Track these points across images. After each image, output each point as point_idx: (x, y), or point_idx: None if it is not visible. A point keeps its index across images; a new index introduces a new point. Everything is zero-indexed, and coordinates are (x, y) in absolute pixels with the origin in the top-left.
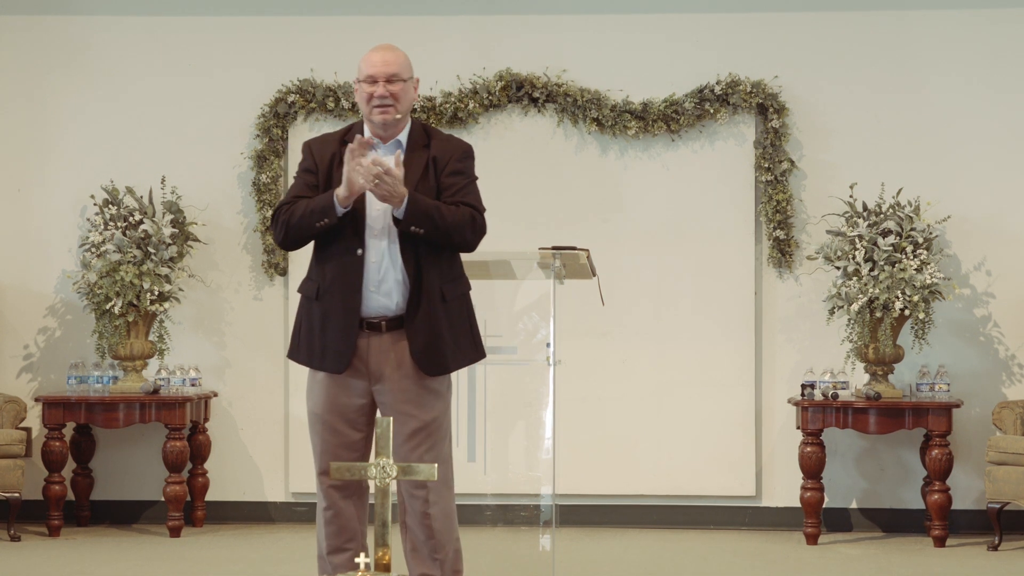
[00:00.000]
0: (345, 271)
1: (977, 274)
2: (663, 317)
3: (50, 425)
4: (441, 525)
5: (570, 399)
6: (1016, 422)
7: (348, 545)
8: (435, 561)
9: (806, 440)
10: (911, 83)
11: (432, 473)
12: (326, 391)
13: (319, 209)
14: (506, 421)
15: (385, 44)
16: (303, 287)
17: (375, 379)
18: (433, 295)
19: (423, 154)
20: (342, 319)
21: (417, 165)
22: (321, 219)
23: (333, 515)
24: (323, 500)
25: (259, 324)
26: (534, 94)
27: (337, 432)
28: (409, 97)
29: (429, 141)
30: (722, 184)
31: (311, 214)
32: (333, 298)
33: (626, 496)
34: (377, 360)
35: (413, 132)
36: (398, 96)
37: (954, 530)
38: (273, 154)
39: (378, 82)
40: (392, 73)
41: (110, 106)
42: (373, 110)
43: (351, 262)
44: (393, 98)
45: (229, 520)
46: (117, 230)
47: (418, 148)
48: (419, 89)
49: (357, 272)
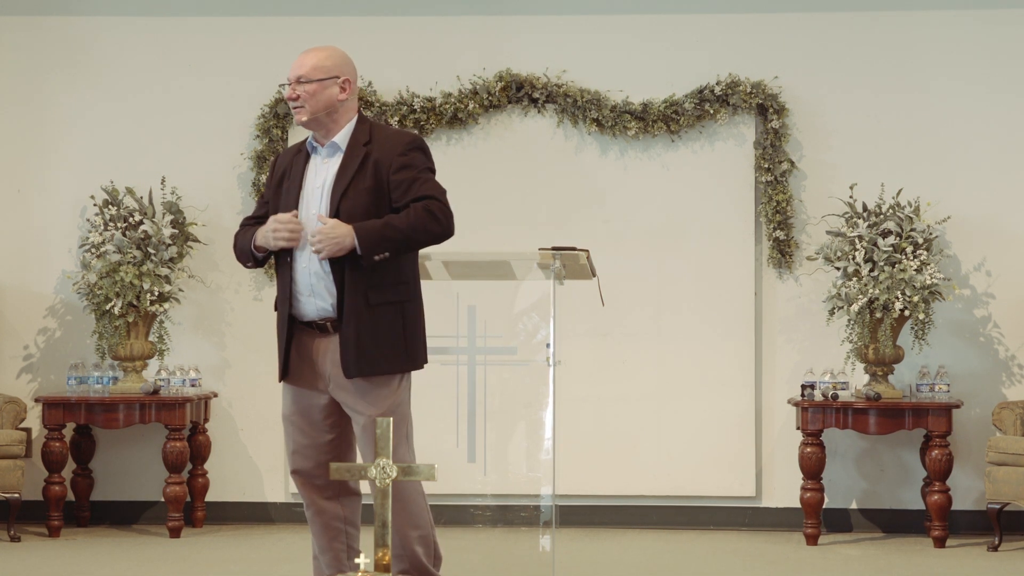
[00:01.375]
0: (283, 279)
1: (977, 275)
2: (663, 318)
3: (50, 426)
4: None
5: (570, 399)
6: (1016, 423)
7: (334, 544)
8: (398, 558)
9: (806, 440)
10: (911, 83)
11: (432, 474)
12: (291, 394)
13: (244, 252)
14: (506, 421)
15: (315, 46)
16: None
17: (327, 380)
18: (356, 300)
19: (363, 151)
20: (283, 326)
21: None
22: (248, 261)
23: (314, 514)
24: (303, 499)
25: (259, 325)
26: (534, 94)
27: (305, 433)
28: (325, 99)
29: (371, 139)
30: (722, 185)
31: (240, 253)
32: (281, 306)
33: (626, 496)
34: (323, 361)
35: (355, 132)
36: (304, 98)
37: (954, 531)
38: (273, 155)
39: (290, 84)
40: (299, 75)
41: (110, 106)
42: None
43: (286, 270)
44: (299, 100)
45: (229, 520)
46: (117, 231)
47: (358, 147)
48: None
49: (290, 279)
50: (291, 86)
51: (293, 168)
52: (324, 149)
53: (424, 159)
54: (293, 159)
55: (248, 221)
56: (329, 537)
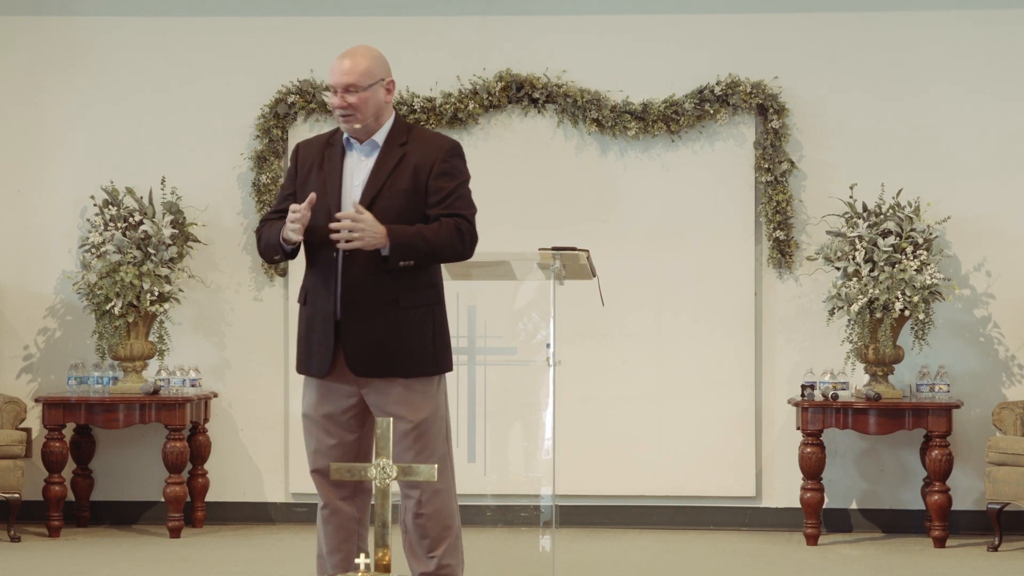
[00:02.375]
0: (324, 275)
1: (977, 275)
2: (663, 318)
3: (50, 426)
4: (435, 525)
5: (570, 400)
6: (1016, 423)
7: (344, 545)
8: (430, 559)
9: (806, 441)
10: (911, 84)
11: (432, 474)
12: (316, 393)
13: (271, 245)
14: (506, 422)
15: (354, 49)
16: (299, 294)
17: (362, 381)
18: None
19: (399, 152)
20: (321, 323)
21: (389, 165)
22: (276, 254)
23: (330, 514)
24: (321, 499)
25: (259, 325)
26: (534, 95)
27: (329, 433)
28: (374, 102)
29: (409, 139)
30: (722, 185)
31: (267, 248)
32: (316, 302)
33: (626, 496)
34: None
35: (393, 130)
36: (357, 106)
37: (954, 531)
38: (273, 155)
39: (338, 93)
40: (349, 83)
41: (110, 107)
42: (340, 118)
43: (328, 264)
44: (352, 108)
45: (229, 521)
46: (117, 231)
47: (395, 147)
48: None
49: (334, 276)
50: (339, 95)
51: (326, 162)
52: (363, 146)
53: (463, 168)
54: (324, 152)
55: (271, 216)
56: (341, 538)
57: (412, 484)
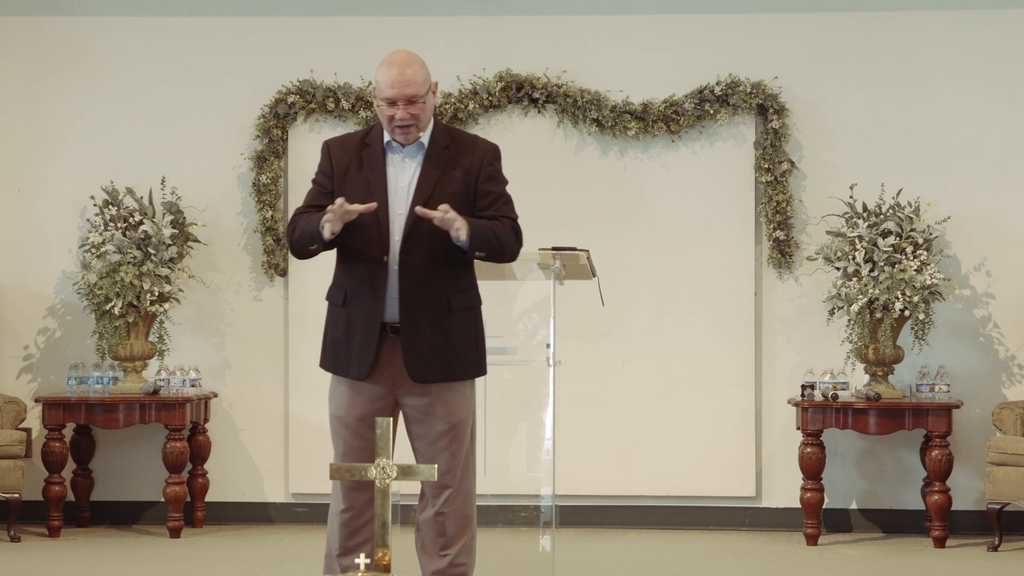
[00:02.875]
0: (371, 278)
1: (977, 275)
2: (663, 318)
3: (50, 426)
4: (454, 523)
5: (570, 400)
6: (1016, 423)
7: (362, 548)
8: (443, 557)
9: (806, 441)
10: (911, 84)
11: (432, 474)
12: (350, 396)
13: (308, 234)
14: (506, 422)
15: (400, 55)
16: (330, 294)
17: (399, 384)
18: (438, 303)
19: (446, 155)
20: (366, 325)
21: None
22: (312, 243)
23: (351, 517)
24: (343, 502)
25: (259, 325)
26: (534, 95)
27: (360, 435)
28: (430, 109)
29: (452, 143)
30: (722, 185)
31: (303, 237)
32: (359, 305)
33: (626, 496)
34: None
35: (435, 132)
36: (419, 117)
37: (954, 531)
38: (273, 155)
39: (397, 104)
40: (412, 95)
41: (110, 107)
42: (395, 130)
43: (376, 269)
44: (414, 118)
45: (229, 521)
46: (117, 231)
47: (440, 149)
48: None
49: (382, 279)
50: (402, 108)
51: (367, 163)
52: (408, 149)
53: (503, 173)
54: (361, 152)
55: (305, 210)
56: (360, 540)
57: (441, 483)
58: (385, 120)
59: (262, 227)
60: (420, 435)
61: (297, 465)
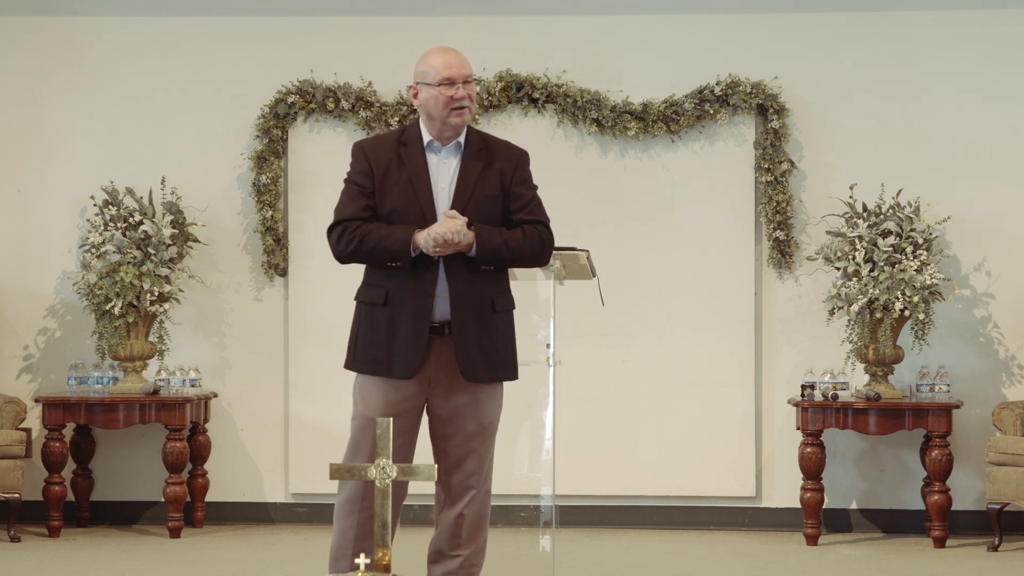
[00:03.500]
0: (418, 277)
1: (977, 275)
2: (663, 318)
3: (50, 426)
4: (471, 525)
5: (570, 400)
6: (1016, 423)
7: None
8: (455, 557)
9: (806, 441)
10: (911, 84)
11: (432, 474)
12: (384, 395)
13: (391, 251)
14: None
15: (445, 46)
16: (365, 294)
17: (433, 383)
18: (484, 304)
19: (480, 159)
20: (412, 324)
21: (475, 170)
22: (393, 260)
23: (369, 517)
24: (361, 502)
25: (259, 325)
26: (534, 95)
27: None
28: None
29: (485, 146)
30: (722, 185)
31: (383, 251)
32: (403, 303)
33: (626, 496)
34: (437, 364)
35: (469, 136)
36: (473, 98)
37: (954, 531)
38: (273, 155)
39: (456, 84)
40: (468, 74)
41: (110, 106)
42: (451, 113)
43: (425, 268)
44: (470, 99)
45: (229, 521)
46: (117, 231)
47: (475, 151)
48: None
49: (431, 278)
50: (461, 87)
51: (407, 163)
52: (448, 148)
53: (532, 177)
54: (399, 152)
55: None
56: (372, 541)
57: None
58: (442, 104)
59: (262, 227)
60: (450, 435)
61: (297, 465)
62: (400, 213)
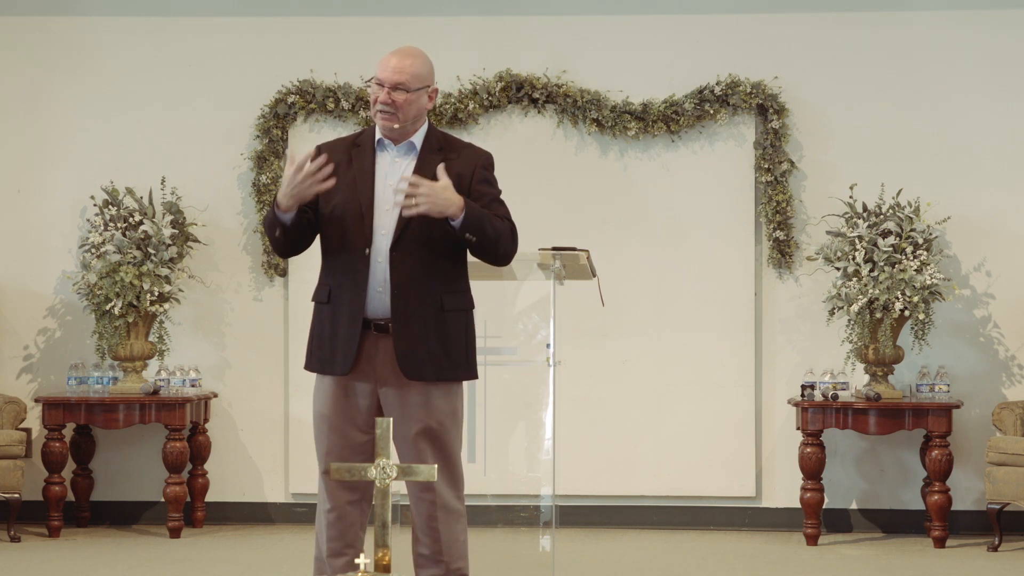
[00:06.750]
0: (352, 271)
1: (977, 275)
2: (663, 318)
3: (50, 426)
4: (446, 528)
5: (570, 400)
6: (1016, 423)
7: (348, 550)
8: (439, 563)
9: (806, 441)
10: (911, 84)
11: (432, 474)
12: (333, 393)
13: (270, 221)
14: (506, 422)
15: (407, 49)
16: (316, 294)
17: (381, 381)
18: (430, 301)
19: (439, 157)
20: (347, 320)
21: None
22: (275, 231)
23: (336, 518)
24: (327, 502)
25: (259, 325)
26: (534, 95)
27: (344, 434)
28: (416, 107)
29: (446, 146)
30: (722, 185)
31: (269, 226)
32: (341, 300)
33: (626, 497)
34: (383, 362)
35: (429, 135)
36: (400, 106)
37: (954, 531)
38: (273, 155)
39: (384, 87)
40: (398, 82)
41: (110, 107)
42: (377, 114)
43: (358, 261)
44: (394, 106)
45: (229, 521)
46: (117, 231)
47: (434, 151)
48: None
49: (363, 272)
50: (385, 90)
51: (355, 161)
52: (399, 147)
53: (496, 180)
54: (351, 152)
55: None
56: (346, 542)
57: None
58: (372, 101)
59: (262, 227)
60: (397, 436)
61: (297, 465)
62: (340, 209)
